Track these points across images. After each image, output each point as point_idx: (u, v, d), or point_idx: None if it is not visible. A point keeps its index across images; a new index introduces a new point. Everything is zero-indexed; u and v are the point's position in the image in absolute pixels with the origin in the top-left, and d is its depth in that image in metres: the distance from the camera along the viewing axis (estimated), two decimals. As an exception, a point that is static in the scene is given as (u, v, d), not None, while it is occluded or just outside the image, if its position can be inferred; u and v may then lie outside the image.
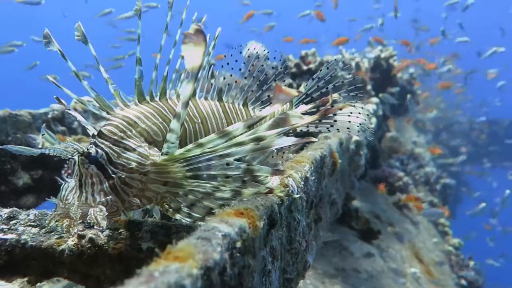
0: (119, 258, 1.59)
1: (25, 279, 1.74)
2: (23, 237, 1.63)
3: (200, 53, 1.31)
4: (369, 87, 6.88)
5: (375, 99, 6.43)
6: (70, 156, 1.57)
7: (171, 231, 1.63)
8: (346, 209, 5.35)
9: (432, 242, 7.44)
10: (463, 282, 7.49)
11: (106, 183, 1.58)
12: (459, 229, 11.01)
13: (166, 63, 1.84)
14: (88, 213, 1.49)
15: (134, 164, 1.61)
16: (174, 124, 1.52)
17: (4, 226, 1.67)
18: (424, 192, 10.18)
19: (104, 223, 1.47)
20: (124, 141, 1.65)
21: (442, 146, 16.67)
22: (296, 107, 2.34)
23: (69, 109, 1.79)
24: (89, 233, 1.62)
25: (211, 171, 1.59)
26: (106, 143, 1.63)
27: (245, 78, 2.29)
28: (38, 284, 1.77)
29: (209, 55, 2.05)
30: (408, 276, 5.16)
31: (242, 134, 1.49)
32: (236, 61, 2.13)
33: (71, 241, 1.62)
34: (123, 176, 1.59)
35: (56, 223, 1.70)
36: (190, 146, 1.55)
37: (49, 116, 4.13)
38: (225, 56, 2.09)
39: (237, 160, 1.57)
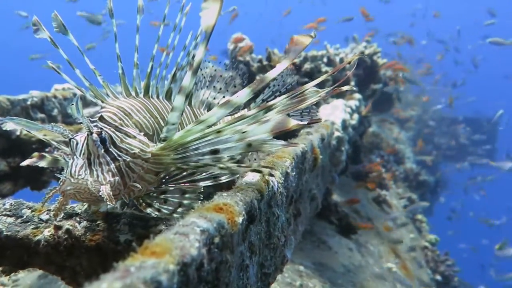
0: (96, 250, 1.57)
1: (0, 269, 1.72)
2: (-2, 226, 1.60)
3: (216, 11, 1.29)
4: (352, 83, 6.92)
5: (357, 95, 6.47)
6: (70, 136, 1.57)
7: (150, 224, 1.63)
8: (326, 204, 5.39)
9: (409, 238, 7.58)
10: (438, 277, 7.66)
11: (113, 164, 1.59)
12: (436, 225, 11.22)
13: (150, 59, 1.90)
14: (100, 190, 1.49)
15: (137, 150, 1.65)
16: (179, 100, 1.49)
17: (-21, 215, 1.64)
18: (403, 188, 10.33)
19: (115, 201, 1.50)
20: (124, 128, 1.70)
21: (424, 143, 16.92)
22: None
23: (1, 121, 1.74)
24: (66, 224, 1.60)
25: (202, 168, 1.65)
26: (108, 127, 1.66)
27: (229, 70, 2.28)
28: (13, 274, 1.75)
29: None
30: (384, 271, 5.25)
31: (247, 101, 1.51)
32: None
33: (47, 232, 1.60)
34: (128, 159, 1.62)
35: (33, 213, 1.69)
36: (190, 125, 1.56)
37: (28, 102, 4.05)
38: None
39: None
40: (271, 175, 1.73)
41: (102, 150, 1.58)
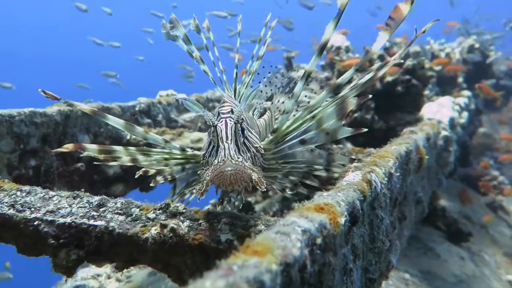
0: (199, 248, 1.60)
1: (113, 264, 1.82)
2: (111, 224, 1.70)
3: None
4: (460, 79, 6.41)
5: (466, 92, 5.98)
6: (216, 123, 1.65)
7: (250, 224, 1.62)
8: (432, 208, 5.04)
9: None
10: None
11: (248, 153, 1.65)
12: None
13: (234, 67, 2.12)
14: (253, 176, 1.53)
15: (257, 144, 1.71)
16: (299, 86, 1.58)
17: (95, 213, 1.76)
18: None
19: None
20: (244, 123, 1.75)
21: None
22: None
23: (61, 99, 1.70)
24: (171, 223, 1.65)
25: (298, 157, 1.75)
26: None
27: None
28: (125, 270, 1.85)
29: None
30: (504, 283, 4.75)
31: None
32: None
33: (154, 230, 1.67)
34: (254, 152, 1.68)
35: (141, 212, 1.77)
36: (298, 113, 1.65)
37: (137, 109, 4.35)
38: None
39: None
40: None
41: (243, 139, 1.64)
